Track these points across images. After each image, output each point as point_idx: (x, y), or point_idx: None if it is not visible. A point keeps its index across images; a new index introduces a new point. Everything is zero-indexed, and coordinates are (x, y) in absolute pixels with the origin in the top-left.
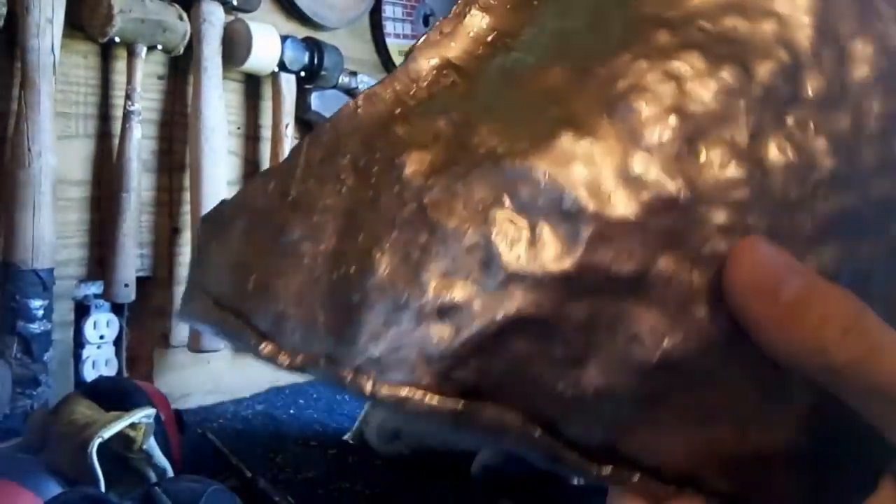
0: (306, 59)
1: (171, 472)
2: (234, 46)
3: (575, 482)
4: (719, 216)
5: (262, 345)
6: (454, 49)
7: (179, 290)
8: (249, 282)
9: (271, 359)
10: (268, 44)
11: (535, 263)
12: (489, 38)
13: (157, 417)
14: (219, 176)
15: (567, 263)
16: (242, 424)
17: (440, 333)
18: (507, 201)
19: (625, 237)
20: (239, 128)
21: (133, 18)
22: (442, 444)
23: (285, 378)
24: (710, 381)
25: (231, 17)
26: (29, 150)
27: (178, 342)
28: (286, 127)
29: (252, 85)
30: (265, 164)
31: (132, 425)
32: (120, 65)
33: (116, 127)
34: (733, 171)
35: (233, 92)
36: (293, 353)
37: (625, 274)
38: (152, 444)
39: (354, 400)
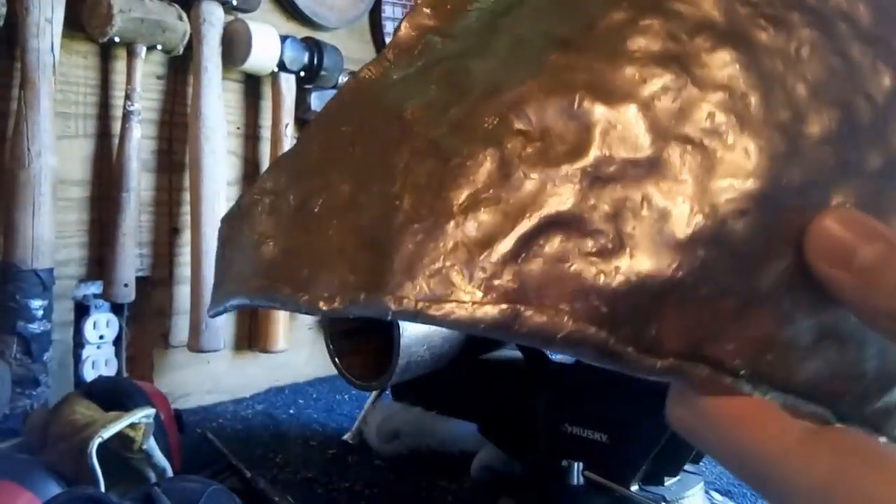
0: (306, 58)
1: (170, 472)
2: (234, 46)
3: (575, 482)
4: (715, 96)
5: (302, 297)
6: (437, 17)
7: (179, 289)
8: (279, 254)
9: (315, 308)
10: (267, 44)
11: (552, 166)
12: (468, 7)
13: (156, 417)
14: (218, 176)
15: (583, 159)
16: (242, 424)
17: (473, 250)
18: (513, 120)
19: (632, 131)
20: (238, 128)
21: (133, 18)
22: (441, 445)
23: (285, 378)
24: (747, 264)
25: (231, 17)
26: (28, 149)
27: (178, 342)
28: (286, 127)
29: (252, 85)
30: (265, 164)
31: (132, 425)
32: (119, 65)
33: (116, 127)
34: (725, 55)
35: (232, 92)
36: (332, 298)
37: (640, 159)
38: (152, 444)
39: (354, 400)
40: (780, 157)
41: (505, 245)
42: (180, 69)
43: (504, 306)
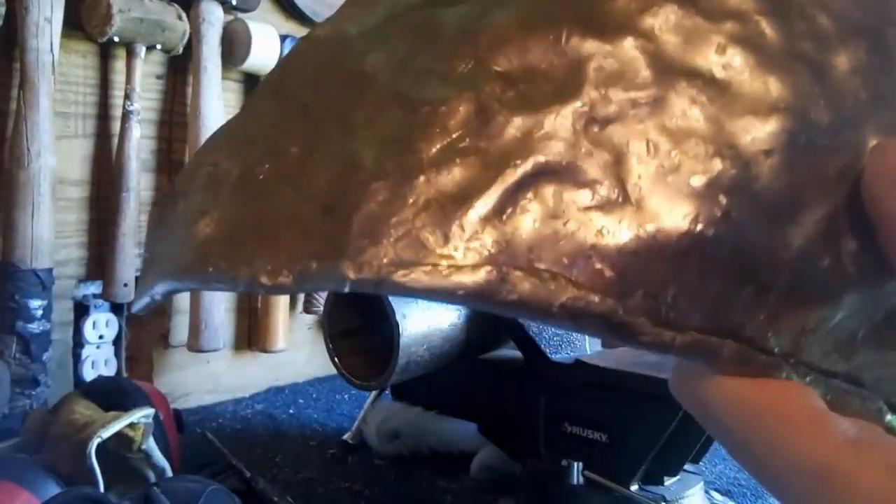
0: None
1: (170, 472)
2: (234, 46)
3: (575, 482)
4: (725, 26)
5: (241, 271)
6: None
7: None
8: (216, 228)
9: (255, 283)
10: (267, 43)
11: (538, 109)
12: None
13: (156, 417)
14: None
15: (575, 99)
16: (242, 424)
17: (448, 207)
18: (491, 61)
19: (632, 66)
20: None
21: (132, 18)
22: (441, 445)
23: (285, 378)
24: (777, 215)
25: (230, 17)
26: (28, 149)
27: (178, 342)
28: None
29: (251, 84)
30: None
31: (131, 425)
32: (119, 64)
33: (115, 127)
34: None
35: (232, 91)
36: (276, 271)
37: (642, 97)
38: (151, 444)
39: (353, 400)
40: (805, 92)
41: (486, 200)
42: (180, 69)
43: (488, 270)
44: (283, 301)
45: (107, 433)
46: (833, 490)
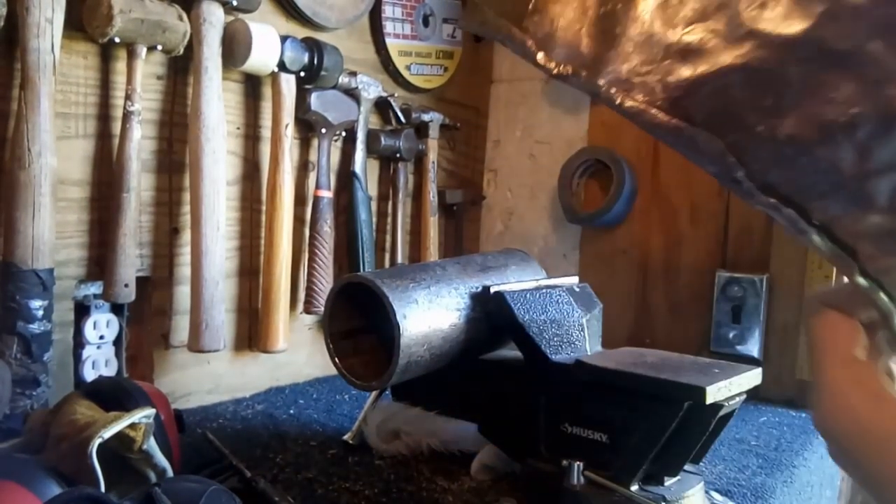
0: (306, 59)
1: (170, 472)
2: (234, 47)
3: (575, 482)
4: None
5: (539, 54)
6: None
7: (179, 289)
8: (530, 3)
9: (542, 65)
10: (268, 44)
11: (769, 24)
12: None
13: (156, 417)
14: (218, 176)
15: (796, 29)
16: (242, 424)
17: (680, 67)
18: None
19: (850, 19)
20: (238, 128)
21: (133, 19)
22: (441, 445)
23: (285, 378)
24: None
25: (231, 18)
26: (29, 150)
27: (178, 342)
28: (286, 127)
29: (252, 85)
30: (265, 164)
31: (132, 425)
32: (120, 65)
33: (116, 127)
34: None
35: (232, 92)
36: (560, 63)
37: (840, 49)
38: (152, 444)
39: (354, 400)
40: None
41: (704, 75)
42: (180, 69)
43: (682, 121)
44: (283, 301)
45: (108, 433)
46: None
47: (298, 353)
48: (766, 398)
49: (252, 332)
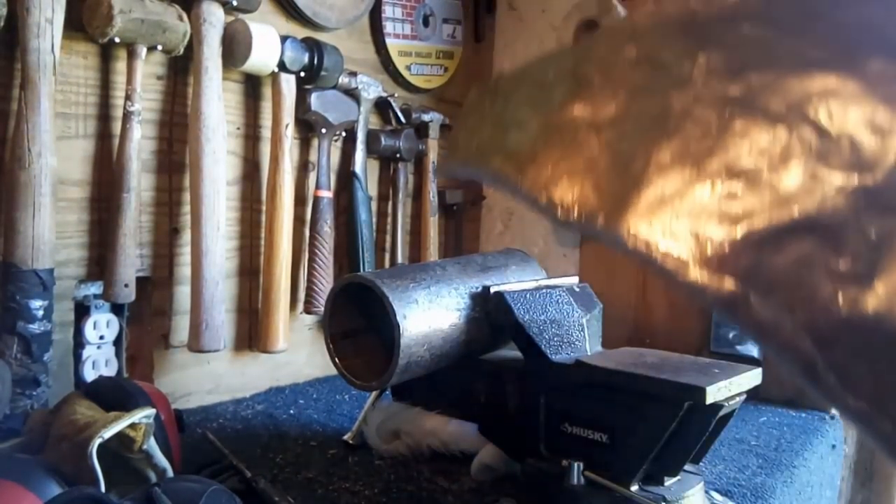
0: (306, 59)
1: (171, 472)
2: (234, 47)
3: (575, 482)
4: None
5: (546, 198)
6: None
7: (179, 289)
8: (523, 142)
9: (550, 210)
10: (268, 44)
11: (839, 167)
12: None
13: (157, 417)
14: (218, 176)
15: (870, 176)
16: (242, 424)
17: (724, 221)
18: (813, 109)
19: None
20: (238, 128)
21: (133, 19)
22: (441, 445)
23: (285, 378)
24: None
25: (231, 18)
26: (29, 150)
27: (178, 342)
28: (286, 127)
29: (252, 85)
30: (265, 164)
31: (132, 425)
32: (120, 65)
33: (116, 127)
34: None
35: (233, 92)
36: (569, 208)
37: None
38: (152, 445)
39: (354, 400)
40: None
41: (756, 227)
42: (180, 69)
43: (735, 286)
44: (283, 301)
45: (108, 433)
46: None
47: (298, 353)
48: (766, 398)
49: (252, 333)
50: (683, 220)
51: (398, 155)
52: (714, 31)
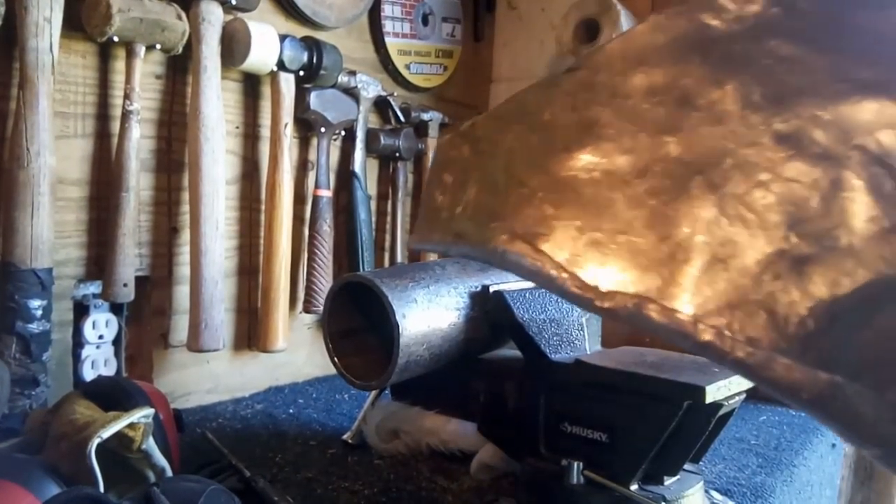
0: (305, 58)
1: (169, 472)
2: (233, 46)
3: (575, 482)
4: None
5: (573, 282)
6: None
7: (179, 289)
8: (527, 209)
9: (589, 301)
10: (267, 43)
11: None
12: None
13: (155, 417)
14: (218, 175)
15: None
16: (241, 424)
17: (791, 293)
18: (875, 138)
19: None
20: (238, 127)
21: (132, 18)
22: (441, 444)
23: (284, 378)
24: None
25: (230, 17)
26: (27, 149)
27: (177, 342)
28: (285, 126)
29: (251, 84)
30: (264, 163)
31: (131, 425)
32: (118, 64)
33: (115, 126)
34: None
35: (232, 91)
36: (616, 297)
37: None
38: (151, 444)
39: (353, 399)
40: None
41: (832, 300)
42: (179, 69)
43: (825, 378)
44: (282, 301)
45: (107, 433)
46: None
47: (298, 352)
48: (765, 397)
49: (251, 332)
50: (753, 292)
51: (398, 154)
52: (737, 51)
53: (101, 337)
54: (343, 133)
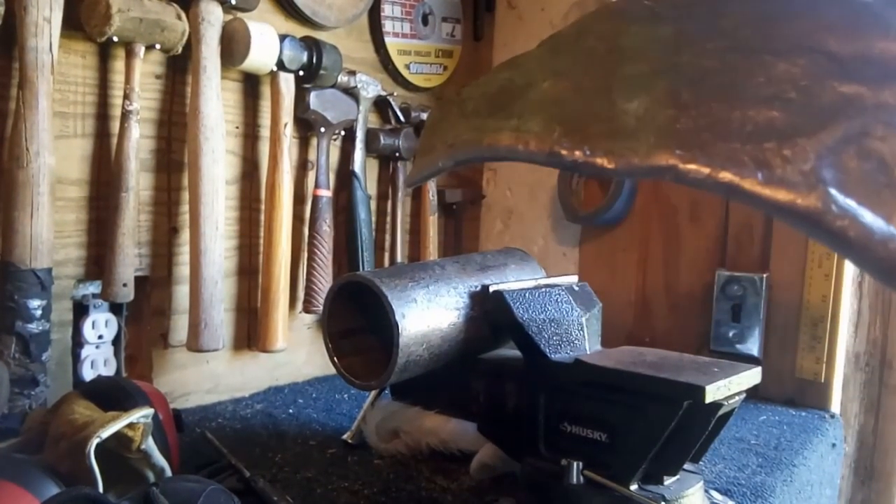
0: (305, 58)
1: (169, 472)
2: (233, 46)
3: (575, 482)
4: None
5: (555, 147)
6: None
7: (178, 289)
8: (570, 91)
9: (595, 164)
10: (266, 43)
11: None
12: None
13: (155, 417)
14: (217, 175)
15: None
16: (241, 424)
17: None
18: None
19: None
20: (237, 127)
21: (131, 18)
22: (441, 444)
23: (284, 378)
24: None
25: (229, 17)
26: (27, 149)
27: (177, 342)
28: (285, 126)
29: (251, 84)
30: (264, 163)
31: (130, 425)
32: (118, 64)
33: (115, 126)
34: None
35: (231, 91)
36: (616, 153)
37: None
38: (150, 444)
39: (353, 399)
40: None
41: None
42: (179, 68)
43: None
44: (282, 301)
45: (106, 433)
46: None
47: (297, 352)
48: (765, 397)
49: (251, 332)
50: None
51: (397, 154)
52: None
53: (100, 337)
54: (343, 133)
